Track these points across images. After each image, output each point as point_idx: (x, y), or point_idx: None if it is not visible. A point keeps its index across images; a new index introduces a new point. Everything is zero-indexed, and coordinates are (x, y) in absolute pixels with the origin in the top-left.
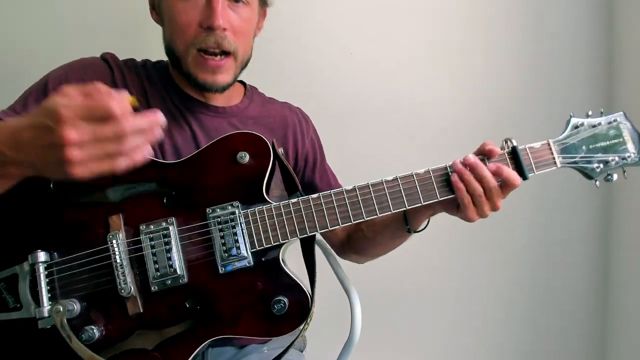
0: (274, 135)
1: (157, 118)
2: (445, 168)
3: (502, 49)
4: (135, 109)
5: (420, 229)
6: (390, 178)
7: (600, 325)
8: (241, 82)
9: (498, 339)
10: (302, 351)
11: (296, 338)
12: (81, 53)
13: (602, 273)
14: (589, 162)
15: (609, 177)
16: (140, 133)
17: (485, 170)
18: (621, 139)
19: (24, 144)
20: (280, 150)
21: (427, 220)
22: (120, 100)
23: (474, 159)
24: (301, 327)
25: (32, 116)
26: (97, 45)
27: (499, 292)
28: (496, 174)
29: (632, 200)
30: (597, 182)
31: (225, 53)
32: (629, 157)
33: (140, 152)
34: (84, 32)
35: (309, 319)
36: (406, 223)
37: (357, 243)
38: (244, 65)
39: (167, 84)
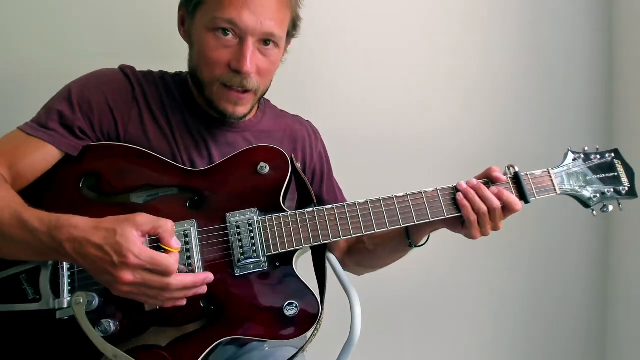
0: (284, 148)
1: (205, 279)
2: (452, 188)
3: (503, 51)
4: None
5: (420, 244)
6: (400, 194)
7: (600, 326)
8: None
9: (497, 340)
10: (302, 351)
11: (305, 345)
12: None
13: (602, 274)
14: (586, 191)
15: (605, 208)
16: (184, 290)
17: (487, 192)
18: (616, 173)
19: (86, 255)
20: (298, 165)
21: (428, 235)
22: (177, 255)
23: (476, 182)
24: (310, 333)
25: (104, 236)
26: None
27: (499, 292)
28: (497, 197)
29: (632, 201)
30: (594, 212)
31: (247, 90)
32: (623, 189)
33: (179, 301)
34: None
35: (318, 325)
36: (408, 238)
37: (357, 254)
38: (262, 96)
39: (185, 98)
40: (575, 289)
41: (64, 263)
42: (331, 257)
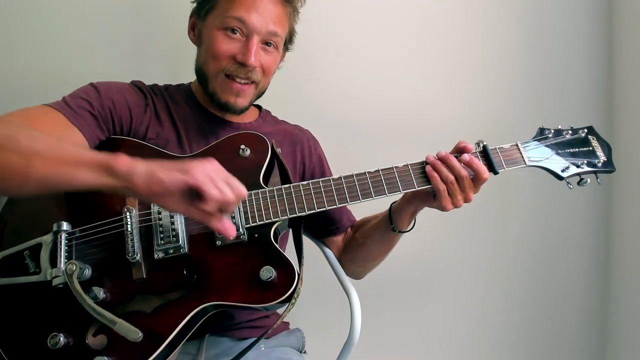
0: (283, 149)
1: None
2: (422, 162)
3: (501, 49)
4: None
5: (406, 229)
6: (372, 170)
7: (600, 325)
8: (257, 106)
9: (497, 339)
10: (301, 352)
11: (282, 315)
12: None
13: (602, 272)
14: (557, 163)
15: (582, 181)
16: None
17: (455, 161)
18: (590, 148)
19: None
20: (279, 150)
21: (413, 220)
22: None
23: (445, 152)
24: (287, 294)
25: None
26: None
27: (498, 292)
28: (468, 164)
29: (632, 199)
30: (570, 185)
31: (251, 82)
32: (598, 162)
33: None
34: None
35: (295, 295)
36: (391, 223)
37: (350, 250)
38: (260, 95)
39: (189, 102)
40: (575, 289)
41: (63, 236)
42: (332, 258)
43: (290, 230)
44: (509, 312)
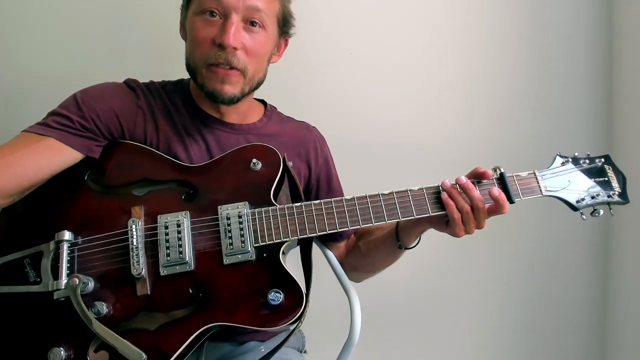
0: (289, 152)
1: None
2: (438, 187)
3: (502, 52)
4: None
5: (411, 245)
6: (386, 192)
7: (600, 326)
8: (262, 102)
9: (497, 340)
10: (301, 351)
11: (289, 335)
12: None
13: (602, 274)
14: (573, 194)
15: (596, 212)
16: None
17: (476, 192)
18: (606, 178)
19: None
20: (290, 164)
21: (419, 237)
22: None
23: (465, 180)
24: (295, 318)
25: None
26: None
27: (498, 293)
28: (495, 199)
29: (632, 201)
30: (584, 216)
31: (233, 67)
32: (613, 194)
33: None
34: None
35: (302, 317)
36: (398, 239)
37: (353, 258)
38: (255, 86)
39: (187, 102)
40: (575, 289)
41: (65, 246)
42: (332, 259)
43: (299, 247)
44: (508, 314)
